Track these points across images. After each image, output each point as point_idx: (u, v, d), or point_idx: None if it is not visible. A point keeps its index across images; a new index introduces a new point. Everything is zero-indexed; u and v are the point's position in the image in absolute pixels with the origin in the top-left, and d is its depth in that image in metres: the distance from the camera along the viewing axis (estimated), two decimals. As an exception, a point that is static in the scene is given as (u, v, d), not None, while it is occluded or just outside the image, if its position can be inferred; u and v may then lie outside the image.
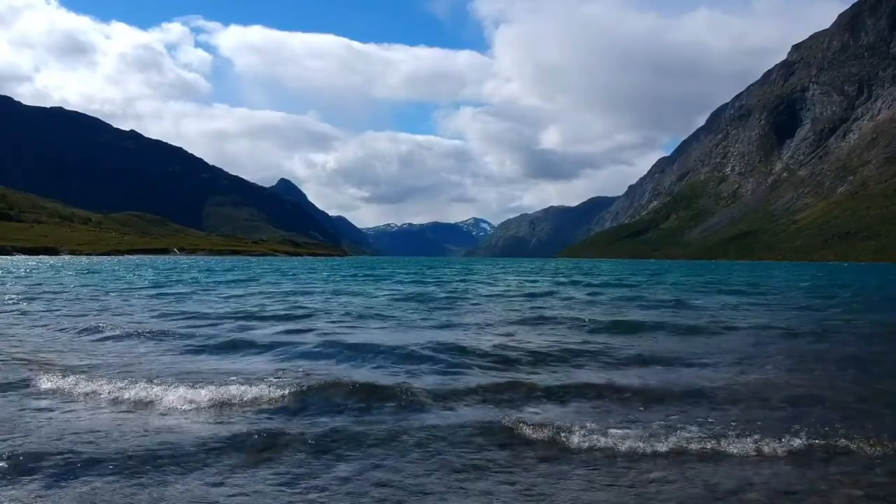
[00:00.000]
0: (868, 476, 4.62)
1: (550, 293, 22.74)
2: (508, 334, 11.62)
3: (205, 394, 6.58)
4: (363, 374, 7.87)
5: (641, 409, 6.32)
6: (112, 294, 21.10)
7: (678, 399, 6.63)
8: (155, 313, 15.07)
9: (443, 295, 21.65)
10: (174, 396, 6.53)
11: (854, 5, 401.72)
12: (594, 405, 6.48)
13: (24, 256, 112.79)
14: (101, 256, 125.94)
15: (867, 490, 4.38)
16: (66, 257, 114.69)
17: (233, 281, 33.77)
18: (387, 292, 23.01)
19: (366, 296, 21.13)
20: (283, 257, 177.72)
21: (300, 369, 8.08)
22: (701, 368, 8.41)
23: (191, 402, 6.37)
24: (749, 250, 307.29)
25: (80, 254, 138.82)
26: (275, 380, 7.25)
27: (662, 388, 7.02)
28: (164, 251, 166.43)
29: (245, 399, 6.50)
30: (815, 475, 4.64)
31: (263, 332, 11.61)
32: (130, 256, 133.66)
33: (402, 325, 12.93)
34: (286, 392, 6.61)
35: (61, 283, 27.56)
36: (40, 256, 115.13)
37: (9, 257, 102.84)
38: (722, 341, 10.73)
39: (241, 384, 6.90)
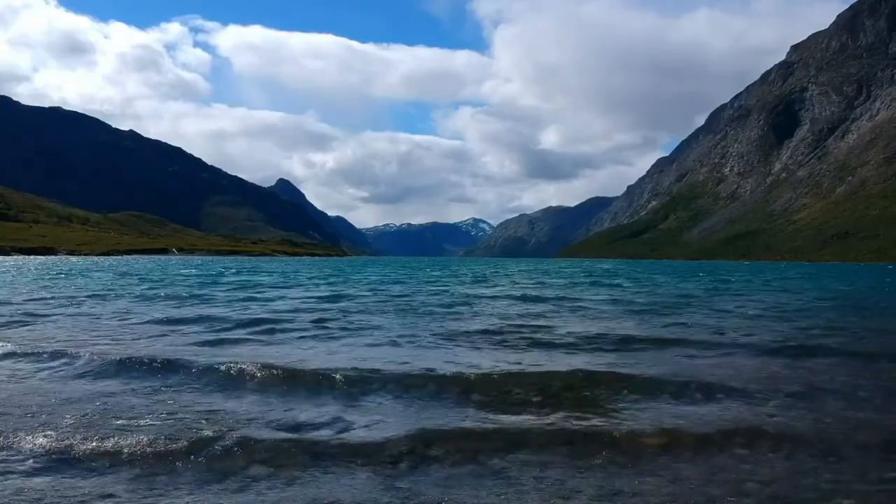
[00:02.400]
0: None
1: (540, 297, 21.78)
2: (473, 352, 9.65)
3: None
4: (267, 415, 5.89)
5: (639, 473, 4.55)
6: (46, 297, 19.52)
7: (695, 454, 4.87)
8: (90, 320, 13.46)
9: (423, 299, 20.94)
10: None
11: (853, 6, 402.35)
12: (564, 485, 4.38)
13: (22, 256, 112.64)
14: (99, 257, 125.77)
15: None
16: (64, 257, 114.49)
17: (204, 282, 33.39)
18: (367, 295, 22.18)
19: (342, 299, 20.13)
20: (282, 257, 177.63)
21: (213, 407, 6.21)
22: (723, 401, 6.41)
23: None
24: (747, 251, 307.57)
25: (79, 254, 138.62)
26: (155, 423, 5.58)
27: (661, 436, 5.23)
28: (162, 251, 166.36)
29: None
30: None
31: (188, 349, 9.52)
32: (128, 257, 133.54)
33: (358, 338, 10.95)
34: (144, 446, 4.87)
35: None
36: (38, 257, 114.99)
37: (6, 257, 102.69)
38: (738, 363, 8.81)
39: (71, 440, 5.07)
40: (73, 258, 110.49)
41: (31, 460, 4.58)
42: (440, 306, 18.26)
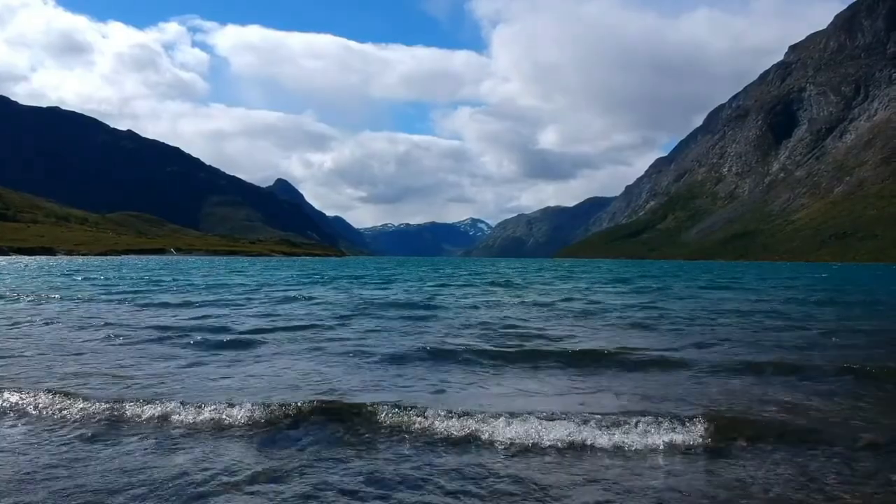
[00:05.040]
0: None
1: (517, 301, 20.82)
2: (433, 374, 8.39)
3: None
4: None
5: None
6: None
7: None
8: None
9: (387, 300, 20.18)
10: None
11: (851, 6, 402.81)
12: None
13: (20, 257, 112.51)
14: (97, 257, 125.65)
15: None
16: (62, 257, 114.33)
17: (177, 281, 33.16)
18: (344, 299, 20.98)
19: (316, 303, 19.31)
20: (280, 258, 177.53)
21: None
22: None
23: None
24: (746, 251, 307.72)
25: (77, 254, 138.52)
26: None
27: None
28: (160, 251, 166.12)
29: None
30: None
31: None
32: (127, 257, 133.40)
33: (307, 352, 10.02)
34: None
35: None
36: (36, 257, 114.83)
37: (4, 257, 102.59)
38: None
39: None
40: (71, 258, 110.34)
41: None
42: (419, 308, 17.37)
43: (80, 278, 35.13)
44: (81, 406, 6.38)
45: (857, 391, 7.43)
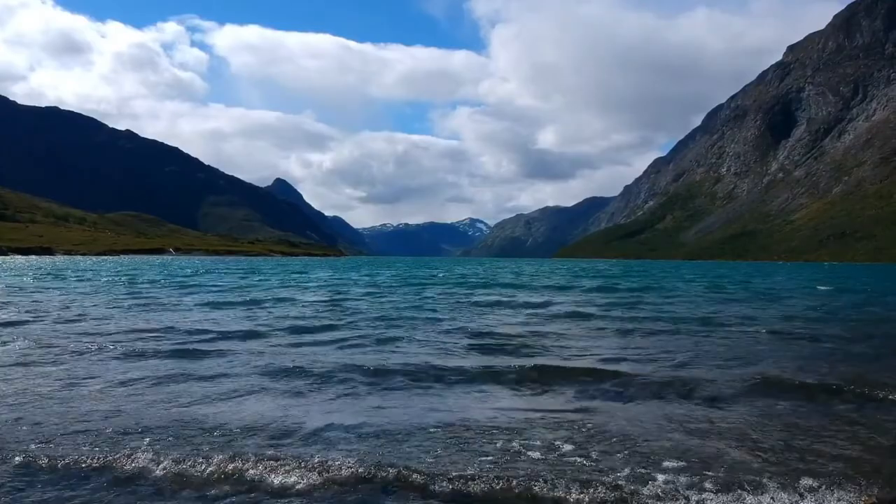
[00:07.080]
0: None
1: (512, 303, 20.30)
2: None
3: None
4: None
5: None
6: None
7: None
8: None
9: (377, 302, 19.64)
10: None
11: (849, 6, 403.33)
12: None
13: (17, 257, 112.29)
14: (96, 257, 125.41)
15: None
16: (60, 257, 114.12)
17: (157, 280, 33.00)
18: (324, 302, 20.26)
19: (294, 304, 19.02)
20: (279, 257, 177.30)
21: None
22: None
23: None
24: (744, 251, 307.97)
25: (76, 254, 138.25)
26: None
27: None
28: (159, 251, 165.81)
29: None
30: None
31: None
32: (125, 257, 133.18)
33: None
34: None
35: None
36: (35, 257, 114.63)
37: (2, 257, 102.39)
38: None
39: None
40: (68, 258, 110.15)
41: None
42: (410, 311, 16.70)
43: (39, 278, 35.01)
44: None
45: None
